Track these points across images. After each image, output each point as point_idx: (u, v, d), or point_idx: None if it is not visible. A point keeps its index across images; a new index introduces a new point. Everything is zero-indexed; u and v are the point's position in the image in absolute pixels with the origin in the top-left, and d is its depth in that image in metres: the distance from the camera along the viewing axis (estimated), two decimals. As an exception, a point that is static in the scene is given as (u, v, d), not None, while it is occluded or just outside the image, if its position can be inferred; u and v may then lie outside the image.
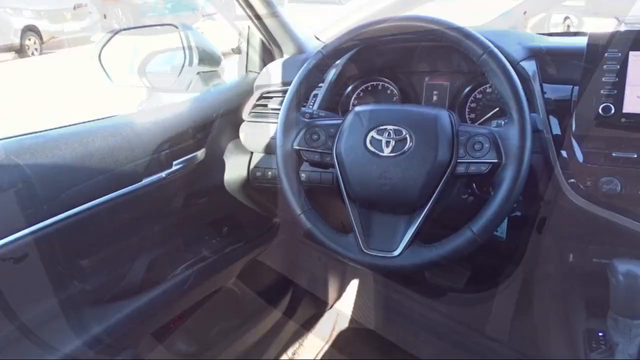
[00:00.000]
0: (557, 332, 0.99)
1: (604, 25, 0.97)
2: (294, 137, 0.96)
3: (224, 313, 1.44)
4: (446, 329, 1.68)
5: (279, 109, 1.05)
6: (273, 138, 0.99)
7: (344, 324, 1.79)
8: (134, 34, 1.47)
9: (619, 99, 0.90)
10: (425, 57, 1.22)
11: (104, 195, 1.01)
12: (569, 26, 1.63)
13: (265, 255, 1.51)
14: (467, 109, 1.17)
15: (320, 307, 1.76)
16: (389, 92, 1.25)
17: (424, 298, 1.73)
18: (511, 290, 1.60)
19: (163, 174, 1.13)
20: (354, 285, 1.83)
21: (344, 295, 1.82)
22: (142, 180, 1.09)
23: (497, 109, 1.12)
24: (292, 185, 0.95)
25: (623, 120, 0.90)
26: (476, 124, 1.15)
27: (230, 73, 1.45)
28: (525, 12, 1.78)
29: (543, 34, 1.21)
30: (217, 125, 1.29)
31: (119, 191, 1.04)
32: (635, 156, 0.89)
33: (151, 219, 1.18)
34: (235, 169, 1.32)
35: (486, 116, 1.15)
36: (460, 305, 1.70)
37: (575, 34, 1.33)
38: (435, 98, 1.22)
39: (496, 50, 0.85)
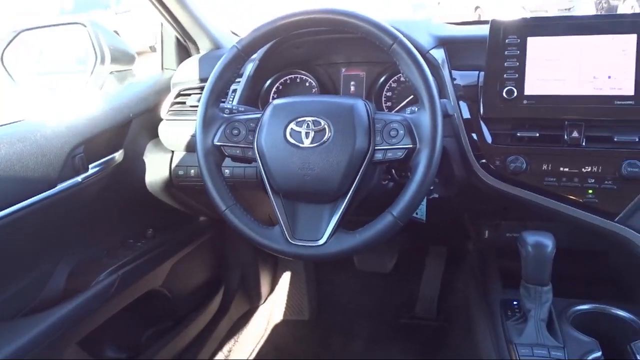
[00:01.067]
0: (477, 304, 1.05)
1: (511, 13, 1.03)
2: (214, 133, 0.95)
3: (155, 316, 1.41)
4: (378, 312, 1.73)
5: (197, 106, 1.03)
6: (193, 135, 0.97)
7: (278, 318, 1.80)
8: (40, 33, 1.39)
9: (520, 82, 0.96)
10: (342, 49, 1.25)
11: (16, 204, 0.96)
12: (480, 15, 1.71)
13: (194, 254, 1.49)
14: (383, 98, 1.21)
15: (253, 302, 1.76)
16: (307, 84, 1.27)
17: (355, 284, 1.78)
18: (436, 269, 1.67)
19: (79, 179, 1.09)
20: (286, 278, 1.84)
21: (277, 288, 1.84)
22: (56, 186, 1.04)
23: (412, 96, 1.16)
24: (215, 182, 0.94)
25: (525, 102, 0.96)
26: (393, 111, 1.19)
27: (149, 71, 1.42)
28: (439, 3, 1.83)
29: (452, 23, 1.27)
30: (134, 125, 1.25)
31: (32, 199, 0.99)
32: (538, 135, 0.96)
33: (69, 226, 1.13)
34: (156, 169, 1.29)
35: (402, 104, 1.19)
36: (390, 288, 1.76)
37: (483, 22, 1.40)
38: (352, 89, 1.24)
39: (405, 40, 0.88)
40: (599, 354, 0.85)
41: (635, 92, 0.91)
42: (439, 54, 1.06)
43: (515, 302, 0.97)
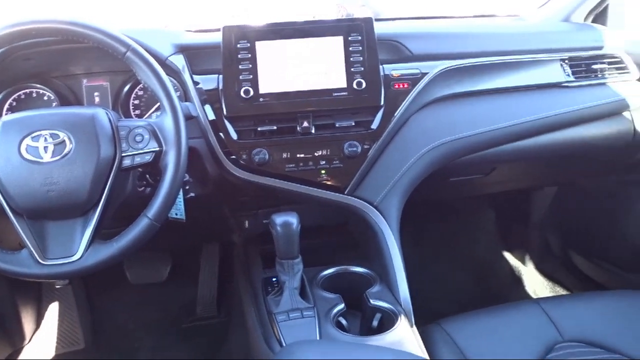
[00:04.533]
0: (245, 289, 1.13)
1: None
2: None
3: None
4: (159, 323, 1.72)
5: None
6: None
7: (49, 354, 1.65)
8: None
9: (255, 83, 1.06)
10: (80, 59, 1.20)
11: None
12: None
13: None
14: (131, 106, 1.21)
15: (16, 344, 1.58)
16: (45, 98, 1.19)
17: (131, 300, 1.73)
18: (211, 267, 1.73)
19: None
20: (53, 309, 1.69)
21: (44, 323, 1.68)
22: None
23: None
24: None
25: (261, 99, 1.06)
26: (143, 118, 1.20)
27: None
28: (246, 10, 1.82)
29: (191, 31, 1.32)
30: None
31: None
32: (276, 128, 1.07)
33: None
34: None
35: (151, 110, 1.21)
36: (168, 296, 1.75)
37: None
38: (97, 99, 1.21)
39: (138, 47, 0.90)
40: (342, 305, 1.00)
41: (347, 84, 1.08)
42: (178, 60, 1.11)
43: (274, 279, 1.07)
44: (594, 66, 1.32)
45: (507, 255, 1.99)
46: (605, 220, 1.59)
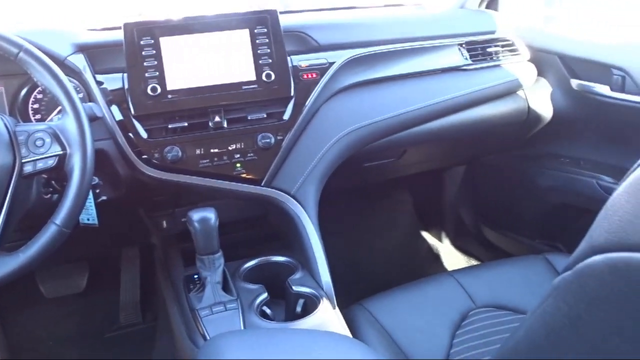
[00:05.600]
0: (168, 290, 1.11)
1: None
2: None
3: None
4: (81, 335, 1.65)
5: None
6: None
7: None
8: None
9: (162, 79, 1.04)
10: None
11: None
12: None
13: None
14: (30, 111, 1.14)
15: None
16: None
17: (49, 316, 1.65)
18: (133, 272, 1.68)
19: None
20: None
21: None
22: None
23: (62, 105, 1.14)
24: None
25: (170, 96, 1.05)
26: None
27: None
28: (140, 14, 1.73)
29: (94, 30, 1.27)
30: None
31: None
32: (187, 124, 1.06)
33: None
34: None
35: (53, 113, 1.15)
36: (89, 306, 1.68)
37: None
38: (-8, 105, 1.14)
39: (32, 48, 0.86)
40: (265, 294, 1.02)
41: (256, 77, 1.09)
42: (79, 60, 1.07)
43: (195, 275, 1.06)
44: (489, 49, 1.41)
45: (425, 234, 2.08)
46: (510, 194, 1.71)
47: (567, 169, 1.46)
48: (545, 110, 1.47)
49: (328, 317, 0.97)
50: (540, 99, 1.46)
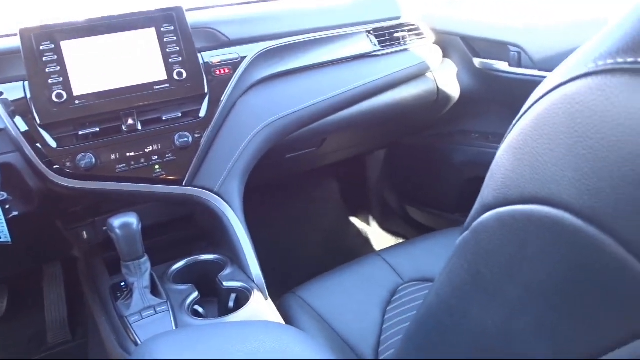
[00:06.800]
0: (95, 302, 1.07)
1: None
2: None
3: None
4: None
5: None
6: None
7: None
8: None
9: (67, 85, 1.00)
10: None
11: None
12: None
13: None
14: None
15: None
16: None
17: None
18: (57, 289, 1.61)
19: None
20: None
21: None
22: None
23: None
24: None
25: (77, 102, 1.01)
26: None
27: None
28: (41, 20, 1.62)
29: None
30: None
31: None
32: (99, 130, 1.03)
33: None
34: None
35: None
36: (11, 329, 1.60)
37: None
38: None
39: None
40: (195, 293, 1.01)
41: (167, 76, 1.07)
42: None
43: (122, 283, 1.04)
44: (396, 34, 1.46)
45: (353, 219, 2.13)
46: (429, 172, 1.79)
47: (477, 144, 1.55)
48: (453, 89, 1.54)
49: (261, 308, 0.98)
50: (447, 79, 1.54)
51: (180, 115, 1.09)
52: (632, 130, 0.31)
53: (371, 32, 1.42)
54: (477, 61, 1.49)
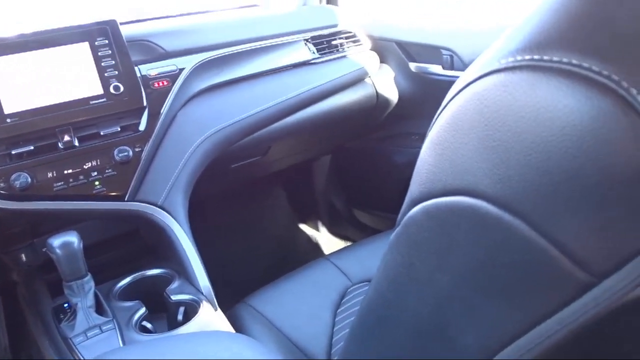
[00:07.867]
0: (36, 326, 1.04)
1: None
2: None
3: None
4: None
5: None
6: None
7: None
8: None
9: (-3, 103, 0.97)
10: None
11: None
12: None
13: None
14: None
15: None
16: None
17: None
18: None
19: None
20: None
21: None
22: None
23: None
24: None
25: (9, 120, 0.98)
26: None
27: None
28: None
29: None
30: None
31: None
32: (33, 148, 0.99)
33: None
34: None
35: None
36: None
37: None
38: None
39: None
40: (143, 309, 1.00)
41: (103, 90, 1.06)
42: None
43: (65, 304, 1.01)
44: (334, 42, 1.49)
45: (302, 225, 2.14)
46: (373, 175, 1.82)
47: (417, 145, 1.60)
48: (391, 93, 1.59)
49: (210, 319, 0.98)
50: (385, 83, 1.58)
51: (119, 129, 1.07)
52: (532, 121, 0.35)
53: (309, 40, 1.45)
54: (412, 65, 1.54)
